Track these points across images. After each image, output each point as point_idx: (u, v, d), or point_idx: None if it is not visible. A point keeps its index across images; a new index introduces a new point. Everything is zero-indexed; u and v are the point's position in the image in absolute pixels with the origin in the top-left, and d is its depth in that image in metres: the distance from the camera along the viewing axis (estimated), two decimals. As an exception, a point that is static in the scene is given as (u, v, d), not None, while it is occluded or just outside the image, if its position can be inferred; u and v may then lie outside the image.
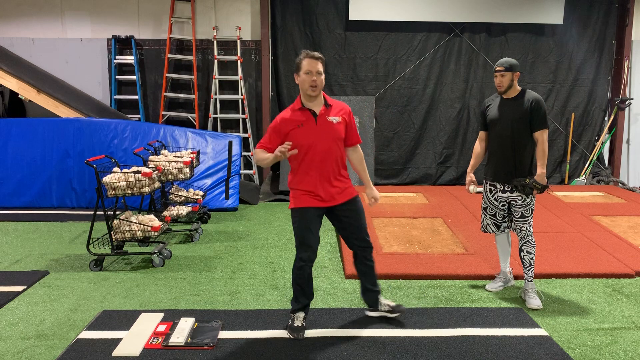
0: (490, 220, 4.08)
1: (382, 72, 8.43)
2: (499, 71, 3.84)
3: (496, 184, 3.98)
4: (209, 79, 8.43)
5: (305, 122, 3.21)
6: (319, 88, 3.18)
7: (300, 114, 3.23)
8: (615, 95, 8.69)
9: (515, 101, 3.86)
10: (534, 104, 3.79)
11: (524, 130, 3.83)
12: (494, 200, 4.01)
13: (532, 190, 3.81)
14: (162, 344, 3.23)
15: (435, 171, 8.67)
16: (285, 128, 3.23)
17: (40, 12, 8.27)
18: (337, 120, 3.26)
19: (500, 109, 3.93)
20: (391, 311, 3.57)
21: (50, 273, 4.56)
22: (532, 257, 3.94)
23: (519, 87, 3.90)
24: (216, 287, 4.27)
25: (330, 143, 3.23)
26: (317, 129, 3.21)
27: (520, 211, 3.92)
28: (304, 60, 3.16)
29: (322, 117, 3.23)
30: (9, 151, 6.97)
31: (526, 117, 3.81)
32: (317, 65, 3.14)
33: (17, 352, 3.19)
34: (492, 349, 3.22)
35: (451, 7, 8.16)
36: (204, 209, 6.39)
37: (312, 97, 3.21)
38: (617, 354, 3.19)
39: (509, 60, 3.86)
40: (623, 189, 8.00)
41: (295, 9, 8.24)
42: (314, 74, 3.14)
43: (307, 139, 3.20)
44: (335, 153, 3.27)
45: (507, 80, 3.83)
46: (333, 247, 5.36)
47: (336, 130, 3.25)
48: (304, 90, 3.21)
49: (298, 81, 3.22)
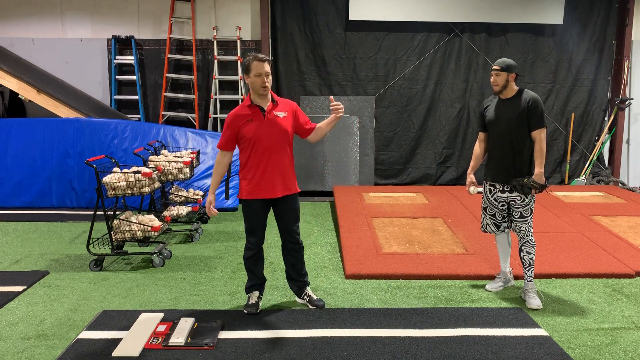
0: (490, 220, 4.09)
1: (382, 72, 8.43)
2: (494, 70, 3.87)
3: (495, 184, 3.99)
4: (209, 79, 8.43)
5: (254, 117, 3.52)
6: (268, 88, 3.52)
7: (250, 110, 3.54)
8: (615, 95, 8.69)
9: (513, 101, 3.87)
10: (530, 103, 3.80)
11: (521, 130, 3.83)
12: (493, 201, 4.02)
13: (531, 190, 3.81)
14: (162, 344, 3.23)
15: (435, 171, 8.67)
16: (237, 123, 3.53)
17: (40, 12, 8.27)
18: (283, 115, 3.58)
19: (497, 109, 3.94)
20: (310, 303, 3.86)
21: (50, 273, 4.56)
22: (532, 257, 3.94)
23: (516, 87, 3.91)
24: (216, 287, 4.27)
25: (276, 136, 3.54)
26: (265, 122, 3.52)
27: (520, 211, 3.92)
28: (253, 63, 3.44)
29: (269, 113, 3.55)
30: (9, 151, 6.97)
31: (523, 117, 3.81)
32: (265, 67, 3.45)
33: (17, 352, 3.19)
34: (492, 349, 3.22)
35: (451, 7, 8.17)
36: (204, 209, 6.39)
37: (263, 95, 3.53)
38: (617, 354, 3.19)
39: (506, 60, 3.87)
40: (623, 189, 8.00)
41: (295, 9, 8.24)
42: (263, 75, 3.45)
43: (256, 132, 3.51)
44: (282, 146, 3.57)
45: (501, 79, 3.85)
46: (333, 247, 5.36)
47: (283, 124, 3.57)
48: (255, 90, 3.52)
49: (248, 82, 3.52)
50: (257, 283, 3.79)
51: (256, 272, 3.77)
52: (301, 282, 3.89)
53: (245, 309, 3.73)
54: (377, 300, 3.98)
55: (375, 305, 3.90)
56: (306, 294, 3.89)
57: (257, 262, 3.75)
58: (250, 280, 3.80)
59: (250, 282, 3.80)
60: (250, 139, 3.50)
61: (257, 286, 3.80)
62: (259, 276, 3.79)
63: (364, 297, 4.04)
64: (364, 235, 5.40)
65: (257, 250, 3.71)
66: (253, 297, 3.77)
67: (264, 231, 3.70)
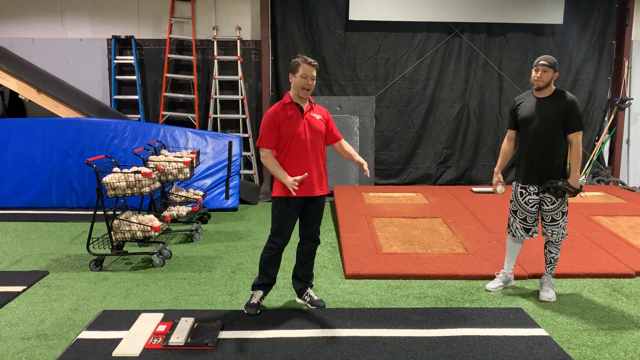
0: (519, 225, 3.97)
1: (382, 72, 8.43)
2: (542, 65, 3.72)
3: (527, 186, 3.88)
4: (209, 79, 8.43)
5: (294, 115, 3.59)
6: (311, 91, 3.61)
7: (289, 108, 3.60)
8: (615, 95, 8.69)
9: (551, 101, 3.77)
10: (570, 104, 3.71)
11: (558, 130, 3.74)
12: (524, 204, 3.90)
13: (564, 194, 3.72)
14: (162, 344, 3.23)
15: (435, 171, 8.67)
16: (277, 120, 3.56)
17: (40, 12, 8.27)
18: (319, 117, 3.70)
19: (534, 107, 3.82)
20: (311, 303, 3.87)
21: (50, 273, 4.56)
22: (554, 256, 3.95)
23: (554, 87, 3.82)
24: (216, 287, 4.27)
25: (313, 135, 3.62)
26: (303, 121, 3.60)
27: (550, 215, 3.83)
28: (302, 65, 3.53)
29: (307, 113, 3.64)
30: (9, 151, 6.97)
31: (561, 118, 3.72)
32: (313, 72, 3.56)
33: (17, 352, 3.19)
34: (492, 349, 3.22)
35: (451, 7, 8.17)
36: (204, 209, 6.40)
37: (303, 97, 3.61)
38: (617, 354, 3.19)
39: (553, 58, 3.76)
40: (623, 189, 8.00)
41: (295, 9, 8.24)
42: (309, 78, 3.55)
43: (296, 129, 3.55)
44: (318, 145, 3.65)
45: (547, 76, 3.74)
46: (333, 247, 5.36)
47: (319, 125, 3.66)
48: (296, 90, 3.58)
49: (293, 81, 3.59)
50: (265, 283, 3.76)
51: (269, 273, 3.73)
52: (305, 283, 3.89)
53: (246, 308, 3.73)
54: (377, 300, 3.98)
55: (375, 305, 3.91)
56: (307, 294, 3.89)
57: (275, 263, 3.72)
58: (260, 278, 3.76)
59: (260, 281, 3.76)
60: (290, 136, 3.53)
61: (265, 286, 3.77)
62: (271, 277, 3.75)
63: (364, 297, 4.04)
64: (364, 235, 5.40)
65: (278, 252, 3.68)
66: (256, 297, 3.76)
67: (291, 232, 3.66)
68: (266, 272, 3.72)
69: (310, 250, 3.82)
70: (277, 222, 3.62)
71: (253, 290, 3.79)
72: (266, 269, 3.71)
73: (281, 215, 3.60)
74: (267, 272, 3.73)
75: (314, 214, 3.71)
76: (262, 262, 3.71)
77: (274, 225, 3.64)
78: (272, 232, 3.65)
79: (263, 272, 3.73)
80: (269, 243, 3.67)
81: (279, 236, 3.63)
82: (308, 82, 3.54)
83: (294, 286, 3.94)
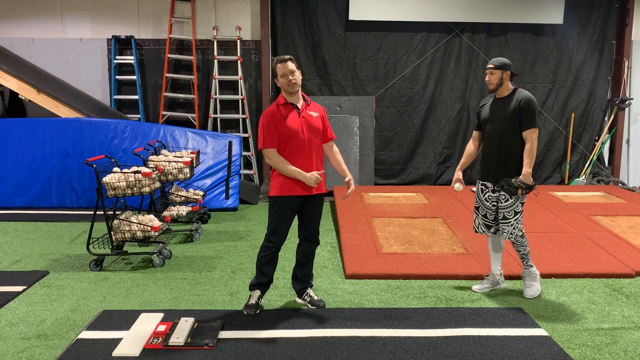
0: (481, 221, 4.08)
1: (382, 72, 8.43)
2: (488, 68, 3.88)
3: (487, 183, 3.99)
4: (209, 79, 8.43)
5: (289, 114, 3.59)
6: (297, 84, 3.58)
7: (284, 109, 3.61)
8: (615, 95, 8.69)
9: (506, 100, 3.87)
10: (522, 103, 3.78)
11: (513, 129, 3.81)
12: (484, 200, 4.02)
13: (517, 190, 3.79)
14: (162, 344, 3.23)
15: (435, 171, 8.67)
16: (275, 119, 3.56)
17: (40, 12, 8.27)
18: (316, 114, 3.70)
19: (491, 108, 3.95)
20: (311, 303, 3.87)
21: (50, 273, 4.56)
22: (524, 252, 3.98)
23: (511, 86, 3.89)
24: (216, 287, 4.27)
25: (311, 133, 3.62)
26: (300, 120, 3.60)
27: (503, 212, 3.90)
28: (277, 65, 3.57)
29: (303, 111, 3.64)
30: (9, 151, 6.97)
31: (515, 116, 3.79)
32: (288, 66, 3.54)
33: (17, 352, 3.19)
34: (492, 349, 3.22)
35: (451, 7, 8.17)
36: (204, 209, 6.40)
37: (293, 93, 3.60)
38: (617, 354, 3.19)
39: (500, 59, 3.87)
40: (623, 189, 8.00)
41: (295, 9, 8.24)
42: (288, 75, 3.54)
43: (292, 129, 3.56)
44: (316, 143, 3.66)
45: (495, 78, 3.85)
46: (333, 247, 5.36)
47: (316, 122, 3.67)
48: (285, 90, 3.61)
49: (278, 84, 3.62)
50: (263, 282, 3.77)
51: (266, 272, 3.74)
52: (305, 283, 3.90)
53: (245, 309, 3.73)
54: (377, 300, 3.98)
55: (375, 305, 3.91)
56: (307, 294, 3.90)
57: (272, 262, 3.73)
58: (257, 278, 3.76)
59: (257, 280, 3.76)
60: (287, 135, 3.54)
61: (262, 286, 3.78)
62: (268, 276, 3.76)
63: (364, 297, 4.04)
64: (364, 235, 5.40)
65: (275, 251, 3.68)
66: (254, 297, 3.77)
67: (288, 231, 3.66)
68: (263, 271, 3.73)
69: (310, 251, 3.82)
70: (274, 222, 3.62)
71: (250, 290, 3.81)
72: (263, 269, 3.72)
73: (278, 214, 3.60)
74: (264, 272, 3.73)
75: (313, 214, 3.72)
76: (259, 261, 3.71)
77: (270, 224, 3.65)
78: (269, 231, 3.66)
79: (260, 271, 3.73)
80: (265, 242, 3.67)
81: (276, 235, 3.63)
82: (289, 78, 3.53)
83: (294, 286, 3.94)
